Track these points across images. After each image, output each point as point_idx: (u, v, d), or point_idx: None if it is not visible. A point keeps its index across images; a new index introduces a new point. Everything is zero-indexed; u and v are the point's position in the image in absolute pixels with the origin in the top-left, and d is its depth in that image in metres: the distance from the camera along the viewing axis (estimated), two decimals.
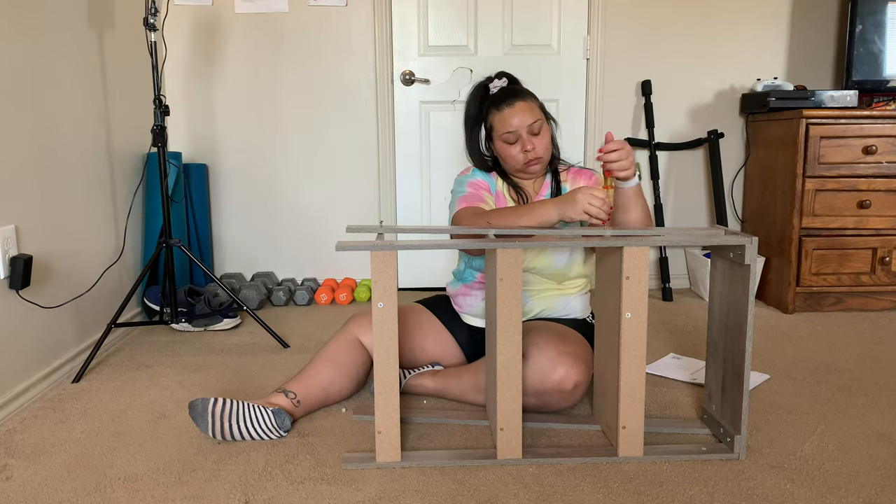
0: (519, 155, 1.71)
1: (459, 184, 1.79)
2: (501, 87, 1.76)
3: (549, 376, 1.58)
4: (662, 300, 2.98)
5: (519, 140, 1.71)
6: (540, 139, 1.71)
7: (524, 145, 1.70)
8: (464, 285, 1.86)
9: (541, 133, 1.71)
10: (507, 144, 1.72)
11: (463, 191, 1.76)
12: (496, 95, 1.75)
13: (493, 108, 1.73)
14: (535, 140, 1.70)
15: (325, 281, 3.09)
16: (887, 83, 2.84)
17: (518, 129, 1.69)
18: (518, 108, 1.69)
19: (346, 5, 2.95)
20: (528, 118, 1.69)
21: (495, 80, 1.78)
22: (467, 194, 1.74)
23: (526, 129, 1.69)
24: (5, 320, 1.80)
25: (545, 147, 1.72)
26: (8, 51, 1.83)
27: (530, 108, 1.70)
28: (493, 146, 1.79)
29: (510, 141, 1.71)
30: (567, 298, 1.81)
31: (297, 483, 1.40)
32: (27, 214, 1.91)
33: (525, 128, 1.69)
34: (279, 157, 3.06)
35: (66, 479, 1.42)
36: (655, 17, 3.00)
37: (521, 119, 1.69)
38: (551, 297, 1.79)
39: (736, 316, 1.47)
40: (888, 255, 2.69)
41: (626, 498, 1.34)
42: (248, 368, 2.12)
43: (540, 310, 1.80)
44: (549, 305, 1.80)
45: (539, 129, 1.71)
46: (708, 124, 3.09)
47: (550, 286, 1.79)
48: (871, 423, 1.67)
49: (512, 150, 1.72)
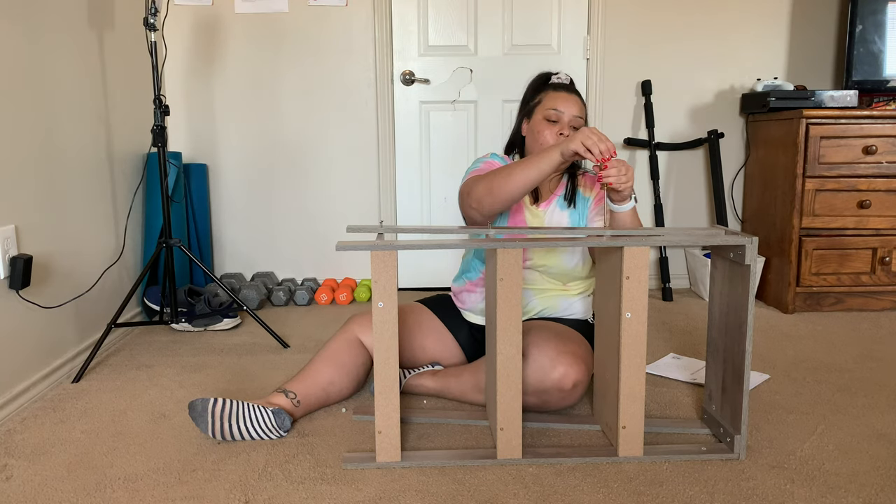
0: (552, 137, 1.74)
1: (475, 164, 1.82)
2: (565, 80, 1.82)
3: (548, 375, 1.58)
4: (662, 300, 2.98)
5: (559, 123, 1.74)
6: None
7: (562, 129, 1.74)
8: (469, 282, 1.86)
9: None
10: (547, 122, 1.75)
11: (476, 167, 1.79)
12: (557, 83, 1.80)
13: (552, 89, 1.79)
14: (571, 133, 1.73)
15: (325, 281, 3.09)
16: (887, 83, 2.84)
17: (565, 112, 1.74)
18: (573, 100, 1.76)
19: (346, 5, 2.95)
20: (575, 111, 1.75)
21: (561, 74, 1.84)
22: (479, 169, 1.77)
23: (570, 117, 1.74)
24: (5, 320, 1.80)
25: None
26: (8, 51, 1.83)
27: (580, 106, 1.77)
28: (529, 122, 1.80)
29: (551, 118, 1.74)
30: (570, 299, 1.81)
31: (297, 483, 1.40)
32: (27, 214, 1.91)
33: (570, 115, 1.74)
34: (279, 157, 3.06)
35: (66, 479, 1.42)
36: (655, 17, 3.00)
37: (569, 107, 1.74)
38: (554, 297, 1.80)
39: (736, 316, 1.47)
40: (888, 255, 2.69)
41: (626, 498, 1.34)
42: (248, 368, 2.12)
43: (542, 308, 1.80)
44: (551, 305, 1.80)
45: (579, 126, 1.75)
46: (708, 124, 3.09)
47: (554, 286, 1.79)
48: (871, 423, 1.67)
49: (548, 129, 1.74)
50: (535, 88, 1.83)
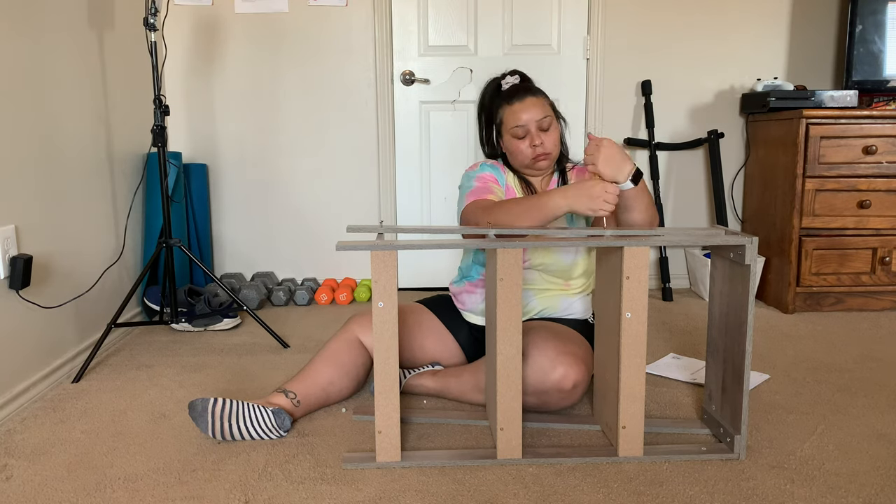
0: (528, 150, 1.71)
1: (467, 178, 1.78)
2: (514, 83, 1.76)
3: (548, 375, 1.58)
4: (662, 300, 2.98)
5: (528, 135, 1.71)
6: (549, 135, 1.71)
7: (532, 140, 1.70)
8: (468, 283, 1.86)
9: (550, 129, 1.71)
10: (516, 139, 1.72)
11: (471, 185, 1.75)
12: (507, 91, 1.75)
13: (504, 103, 1.74)
14: (544, 136, 1.71)
15: (325, 281, 3.09)
16: (887, 83, 2.84)
17: (527, 123, 1.69)
18: (528, 104, 1.70)
19: (346, 5, 2.95)
20: (537, 113, 1.69)
21: (508, 76, 1.78)
22: (475, 188, 1.73)
23: (535, 124, 1.70)
24: (5, 320, 1.80)
25: (554, 143, 1.72)
26: (8, 51, 1.83)
27: (540, 104, 1.71)
28: (501, 142, 1.79)
29: (519, 135, 1.71)
30: (570, 299, 1.81)
31: (297, 483, 1.40)
32: (27, 214, 1.91)
33: (534, 123, 1.70)
34: (279, 157, 3.06)
35: (66, 479, 1.42)
36: (655, 17, 3.00)
37: (530, 114, 1.69)
38: (554, 297, 1.80)
39: (736, 316, 1.47)
40: (888, 255, 2.69)
41: (626, 498, 1.34)
42: (248, 368, 2.12)
43: (542, 308, 1.80)
44: (551, 305, 1.80)
45: (548, 125, 1.71)
46: (708, 124, 3.09)
47: (554, 285, 1.79)
48: (871, 423, 1.67)
49: (521, 145, 1.72)
50: (491, 104, 1.78)
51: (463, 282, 1.88)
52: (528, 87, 1.75)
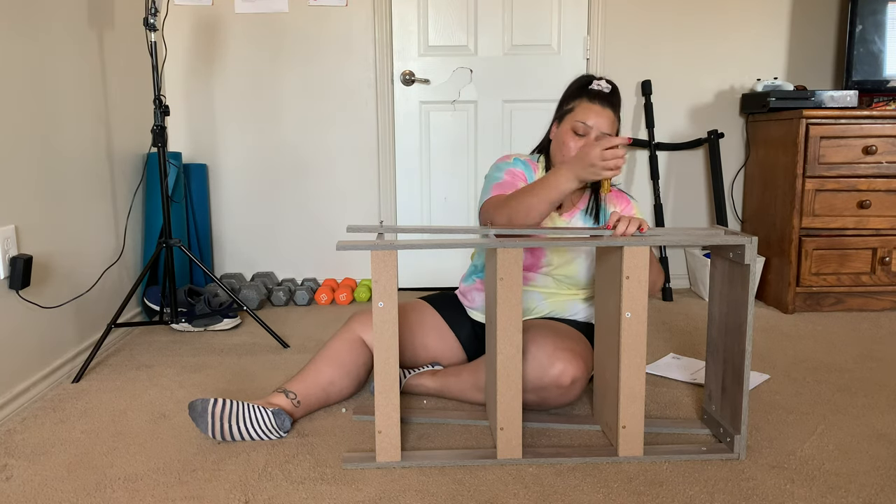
0: (576, 150, 1.69)
1: (497, 170, 1.77)
2: (604, 89, 1.73)
3: (546, 371, 1.58)
4: (662, 300, 2.98)
5: (585, 137, 1.68)
6: None
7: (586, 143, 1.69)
8: (479, 280, 1.86)
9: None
10: (573, 134, 1.70)
11: (499, 177, 1.74)
12: (594, 91, 1.72)
13: (587, 97, 1.71)
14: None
15: (325, 281, 3.09)
16: (887, 83, 2.84)
17: (594, 126, 1.68)
18: (605, 114, 1.68)
19: (346, 5, 2.95)
20: (605, 125, 1.68)
21: (603, 80, 1.75)
22: (502, 181, 1.72)
23: (598, 133, 1.68)
24: (5, 320, 1.80)
25: None
26: (8, 50, 1.83)
27: (612, 121, 1.70)
28: (558, 127, 1.76)
29: (578, 131, 1.69)
30: (577, 303, 1.82)
31: (297, 483, 1.40)
32: (27, 214, 1.91)
33: (599, 132, 1.68)
34: (279, 157, 3.06)
35: (66, 479, 1.42)
36: (655, 17, 3.00)
37: (600, 121, 1.67)
38: (563, 301, 1.81)
39: (736, 316, 1.47)
40: (888, 255, 2.69)
41: (626, 498, 1.34)
42: (248, 368, 2.12)
43: (550, 311, 1.81)
44: (558, 307, 1.81)
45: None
46: (708, 124, 3.09)
47: (566, 291, 1.80)
48: (871, 423, 1.67)
49: (572, 142, 1.69)
50: (573, 93, 1.76)
51: (473, 280, 1.88)
52: (613, 101, 1.73)
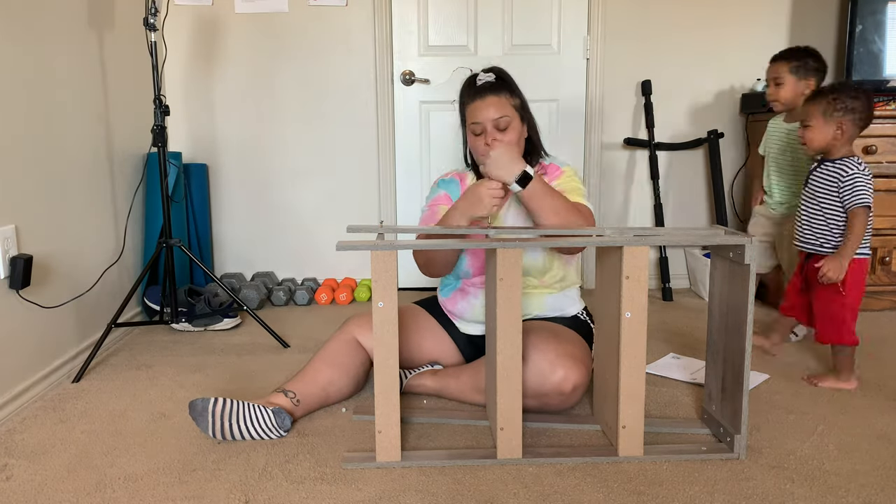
0: (482, 148, 1.70)
1: (427, 198, 1.86)
2: (486, 80, 1.73)
3: (548, 378, 1.58)
4: (662, 300, 2.97)
5: (483, 133, 1.70)
6: (505, 135, 1.69)
7: (486, 139, 1.69)
8: (454, 291, 1.85)
9: (507, 129, 1.69)
10: (474, 136, 1.73)
11: (424, 209, 1.83)
12: (477, 88, 1.72)
13: (469, 99, 1.73)
14: (500, 135, 1.68)
15: (325, 281, 3.09)
16: (887, 83, 2.84)
17: (483, 122, 1.68)
18: (488, 102, 1.68)
19: (346, 5, 2.95)
20: (493, 113, 1.67)
21: (482, 73, 1.75)
22: (424, 217, 1.81)
23: (491, 122, 1.68)
24: (5, 320, 1.80)
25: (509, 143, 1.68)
26: (8, 51, 1.83)
27: (500, 104, 1.68)
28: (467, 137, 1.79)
29: (475, 132, 1.71)
30: (553, 295, 1.79)
31: (297, 483, 1.40)
32: (27, 214, 1.91)
33: (490, 122, 1.68)
34: (279, 157, 3.06)
35: (66, 479, 1.42)
36: (655, 17, 3.00)
37: (487, 113, 1.68)
38: (538, 296, 1.78)
39: (736, 316, 1.47)
40: (888, 255, 2.69)
41: (626, 498, 1.34)
42: (248, 368, 2.12)
43: (533, 311, 1.79)
44: (537, 304, 1.79)
45: (506, 125, 1.68)
46: (708, 124, 3.09)
47: (530, 283, 1.77)
48: (871, 423, 1.67)
49: (477, 142, 1.72)
50: (461, 97, 1.78)
51: (449, 292, 1.87)
52: (494, 84, 1.71)
